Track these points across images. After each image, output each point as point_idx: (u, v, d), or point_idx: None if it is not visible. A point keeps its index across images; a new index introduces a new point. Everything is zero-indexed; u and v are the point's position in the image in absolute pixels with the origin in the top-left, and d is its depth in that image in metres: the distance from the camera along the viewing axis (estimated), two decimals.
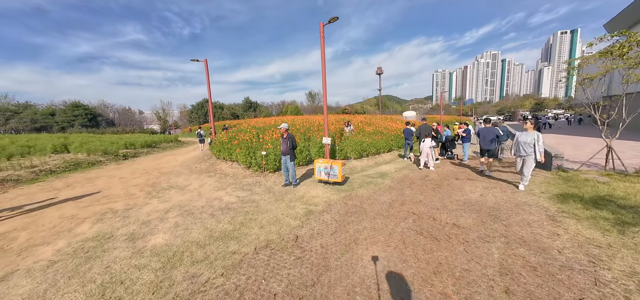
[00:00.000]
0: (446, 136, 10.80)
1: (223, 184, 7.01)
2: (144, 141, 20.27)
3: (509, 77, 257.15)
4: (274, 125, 12.10)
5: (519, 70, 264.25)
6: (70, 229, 4.19)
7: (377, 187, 6.10)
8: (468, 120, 49.76)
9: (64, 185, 7.83)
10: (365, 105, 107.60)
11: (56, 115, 58.52)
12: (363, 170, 8.83)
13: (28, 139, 19.24)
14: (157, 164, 11.44)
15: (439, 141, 10.24)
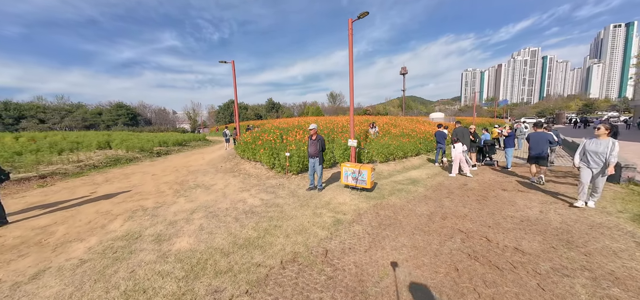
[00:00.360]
0: (485, 140, 9.76)
1: (247, 184, 6.92)
2: (175, 140, 21.46)
3: (551, 75, 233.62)
4: (297, 126, 11.94)
5: (562, 68, 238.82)
6: (103, 226, 4.28)
7: (410, 195, 5.54)
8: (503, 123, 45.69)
9: (103, 179, 8.33)
10: (388, 106, 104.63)
11: (103, 114, 64.86)
12: (391, 175, 8.25)
13: (77, 136, 21.37)
14: (186, 162, 11.87)
15: (476, 146, 9.27)
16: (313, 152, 5.92)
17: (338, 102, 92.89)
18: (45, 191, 6.96)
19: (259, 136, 10.55)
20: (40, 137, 20.51)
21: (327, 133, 11.08)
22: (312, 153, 5.93)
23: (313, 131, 5.92)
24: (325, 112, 71.36)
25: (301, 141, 9.39)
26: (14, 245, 3.58)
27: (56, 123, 57.73)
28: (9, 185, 7.76)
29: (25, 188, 7.56)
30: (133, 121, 66.63)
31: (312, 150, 5.92)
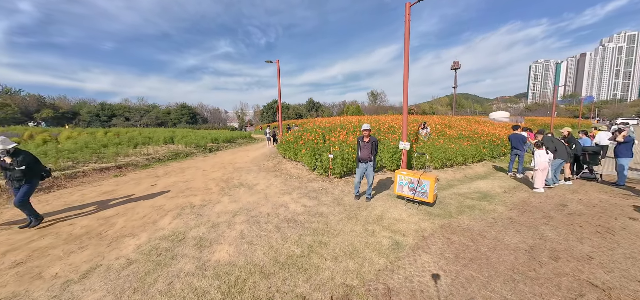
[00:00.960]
0: (585, 147, 7.52)
1: (288, 186, 6.60)
2: (225, 137, 23.17)
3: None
4: (340, 125, 11.32)
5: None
6: (154, 222, 4.37)
7: (487, 215, 4.36)
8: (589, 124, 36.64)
9: (163, 172, 9.11)
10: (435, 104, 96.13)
11: (170, 113, 75.20)
12: (451, 185, 6.96)
13: (150, 132, 24.85)
14: (233, 159, 12.40)
15: (572, 155, 7.16)
16: (366, 155, 5.19)
17: (379, 101, 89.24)
18: (117, 181, 7.84)
19: (301, 136, 10.27)
20: (123, 132, 24.55)
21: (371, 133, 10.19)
22: (365, 157, 5.21)
23: (366, 132, 5.19)
24: (365, 111, 69.24)
25: (344, 142, 8.73)
26: (79, 236, 3.83)
27: (137, 120, 69.27)
28: (93, 174, 9.10)
29: (104, 177, 8.72)
30: (193, 119, 75.68)
31: (365, 154, 5.19)
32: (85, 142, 14.59)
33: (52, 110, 60.56)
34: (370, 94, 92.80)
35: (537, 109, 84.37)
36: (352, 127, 10.72)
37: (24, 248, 3.44)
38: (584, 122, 32.65)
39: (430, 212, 4.50)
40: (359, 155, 5.27)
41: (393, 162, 8.11)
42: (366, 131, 5.21)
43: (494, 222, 4.04)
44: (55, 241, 3.65)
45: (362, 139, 5.28)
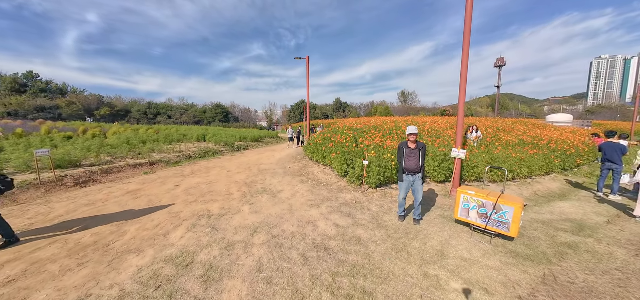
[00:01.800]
0: None
1: (316, 196, 5.74)
2: (252, 136, 23.36)
3: None
4: (373, 127, 10.16)
5: None
6: (166, 233, 3.83)
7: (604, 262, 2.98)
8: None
9: (189, 171, 8.93)
10: (474, 105, 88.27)
11: (206, 112, 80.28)
12: (525, 207, 5.44)
13: (186, 130, 26.16)
14: (258, 159, 12.00)
15: None
16: (413, 165, 4.12)
17: (410, 102, 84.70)
18: (144, 179, 7.77)
19: (330, 137, 9.38)
20: (163, 129, 26.27)
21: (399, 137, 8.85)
22: (412, 167, 4.13)
23: (413, 137, 4.11)
24: (394, 112, 66.07)
25: (380, 146, 7.60)
26: (85, 246, 3.42)
27: (177, 118, 75.26)
28: (126, 169, 9.31)
29: (136, 173, 8.82)
30: (225, 118, 79.83)
31: (412, 164, 4.12)
32: (126, 138, 15.54)
33: (108, 108, 68.51)
34: (400, 94, 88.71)
35: (600, 112, 72.08)
36: (387, 129, 9.52)
37: (25, 258, 3.09)
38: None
39: (512, 251, 3.25)
40: (403, 164, 4.20)
41: (440, 172, 6.78)
42: (413, 135, 4.11)
43: (625, 279, 2.67)
44: (60, 251, 3.27)
45: (407, 145, 4.20)
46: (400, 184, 4.30)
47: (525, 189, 7.01)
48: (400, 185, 4.28)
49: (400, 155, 4.27)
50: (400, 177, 4.26)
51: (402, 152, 4.23)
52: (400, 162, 4.27)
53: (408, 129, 4.16)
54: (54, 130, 19.08)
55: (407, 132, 4.15)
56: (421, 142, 4.29)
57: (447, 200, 5.67)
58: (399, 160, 4.29)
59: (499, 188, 6.86)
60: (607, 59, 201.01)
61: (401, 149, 4.26)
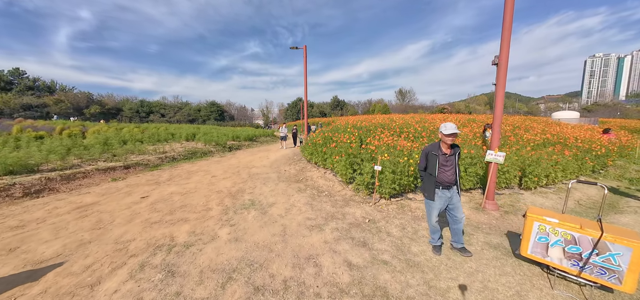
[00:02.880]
0: None
1: (318, 213, 4.52)
2: (246, 135, 22.01)
3: None
4: (381, 125, 8.96)
5: None
6: (95, 283, 2.59)
7: None
8: None
9: (167, 177, 7.63)
10: (471, 103, 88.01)
11: (201, 111, 78.39)
12: None
13: (175, 128, 24.66)
14: (250, 161, 10.73)
15: None
16: (450, 177, 2.99)
17: (407, 100, 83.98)
18: (108, 188, 6.46)
19: (331, 137, 8.15)
20: (151, 127, 24.74)
21: (413, 136, 7.66)
22: (449, 179, 3.00)
23: (451, 138, 2.93)
24: (392, 110, 65.14)
25: (391, 147, 6.38)
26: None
27: (171, 117, 73.33)
28: (94, 175, 7.95)
29: (102, 180, 7.49)
30: (221, 117, 78.09)
31: (449, 175, 2.99)
32: (106, 138, 14.11)
33: (98, 107, 66.25)
34: (398, 92, 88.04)
35: (597, 110, 72.08)
36: (396, 128, 8.34)
37: None
38: None
39: None
40: (436, 175, 3.02)
41: (467, 179, 5.61)
42: (451, 136, 2.92)
43: None
44: None
45: (440, 149, 3.03)
46: (430, 204, 3.10)
47: (562, 195, 5.89)
48: (431, 205, 3.09)
49: (430, 164, 3.08)
50: (431, 194, 3.06)
51: (433, 160, 3.04)
52: (428, 174, 3.08)
53: (445, 127, 2.95)
54: (28, 130, 17.52)
55: (445, 131, 2.94)
56: (456, 144, 3.11)
57: (483, 217, 4.50)
58: (426, 171, 3.10)
59: (535, 197, 5.73)
60: (601, 58, 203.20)
61: (430, 155, 3.06)
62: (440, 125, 3.11)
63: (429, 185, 3.07)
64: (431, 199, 3.07)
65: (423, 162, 3.16)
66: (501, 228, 4.11)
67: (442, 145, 3.03)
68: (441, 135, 2.99)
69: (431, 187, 3.05)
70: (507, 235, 3.78)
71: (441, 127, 2.99)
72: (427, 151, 3.11)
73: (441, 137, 3.01)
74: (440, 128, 3.00)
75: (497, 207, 4.91)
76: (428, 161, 3.10)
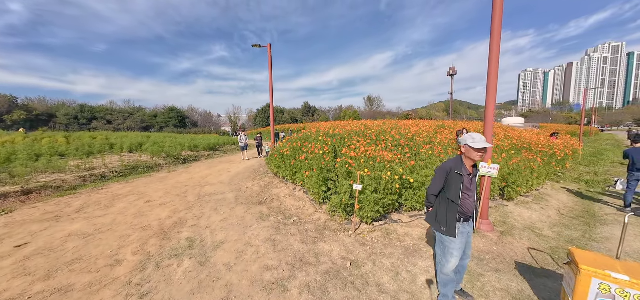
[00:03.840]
0: None
1: (281, 254, 3.33)
2: (207, 144, 19.60)
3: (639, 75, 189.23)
4: (356, 132, 8.09)
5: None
6: None
7: None
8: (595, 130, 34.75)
9: (78, 207, 5.64)
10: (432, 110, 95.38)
11: (157, 116, 70.71)
12: (592, 239, 3.84)
13: (116, 137, 20.95)
14: (205, 176, 9.00)
15: None
16: (471, 205, 2.23)
17: (375, 106, 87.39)
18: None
19: (301, 147, 7.02)
20: (85, 136, 20.64)
21: (392, 145, 6.98)
22: (470, 207, 2.24)
23: (480, 154, 2.05)
24: (362, 116, 66.88)
25: (369, 158, 5.46)
26: None
27: (120, 124, 64.59)
28: None
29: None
30: (181, 123, 71.39)
31: (470, 203, 2.22)
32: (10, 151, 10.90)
33: (24, 112, 55.29)
34: (366, 98, 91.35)
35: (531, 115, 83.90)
36: (373, 136, 7.55)
37: None
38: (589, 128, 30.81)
39: None
40: (459, 204, 2.14)
41: None
42: (481, 152, 2.05)
43: None
44: None
45: (462, 165, 2.17)
46: (449, 244, 2.19)
47: (544, 204, 5.62)
48: (451, 245, 2.18)
49: (451, 187, 2.17)
50: (451, 229, 2.15)
51: (457, 182, 2.15)
52: (448, 200, 2.17)
53: (473, 139, 2.09)
54: None
55: (474, 144, 2.07)
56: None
57: (480, 241, 3.79)
58: (449, 195, 2.16)
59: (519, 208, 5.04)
60: (531, 72, 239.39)
61: (453, 175, 2.16)
62: (463, 135, 2.21)
63: (450, 217, 2.15)
64: (452, 235, 2.15)
65: (439, 184, 2.23)
66: (505, 257, 3.40)
67: (465, 161, 2.17)
68: (466, 148, 2.12)
69: (452, 218, 2.14)
70: (520, 271, 3.05)
71: (466, 139, 2.11)
72: (448, 169, 2.18)
73: (465, 152, 2.14)
74: (464, 139, 2.12)
75: (491, 227, 4.27)
76: (449, 183, 2.18)
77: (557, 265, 3.24)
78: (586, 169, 10.29)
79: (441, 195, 2.23)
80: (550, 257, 3.46)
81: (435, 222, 2.25)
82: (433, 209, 2.31)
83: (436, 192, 2.26)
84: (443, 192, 2.22)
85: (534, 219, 4.84)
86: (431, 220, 2.29)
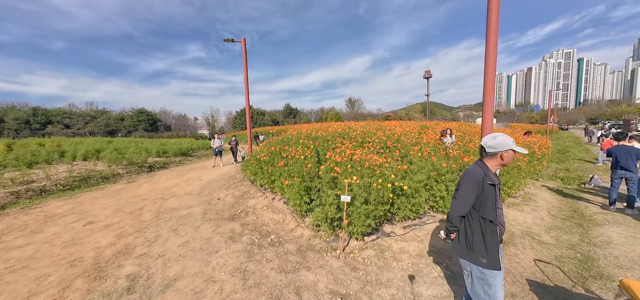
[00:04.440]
0: None
1: (255, 288, 2.61)
2: (178, 149, 17.95)
3: (588, 79, 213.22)
4: (340, 134, 7.52)
5: (601, 71, 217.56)
6: None
7: None
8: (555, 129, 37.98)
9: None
10: (410, 111, 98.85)
11: (125, 120, 65.27)
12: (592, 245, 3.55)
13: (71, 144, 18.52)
14: (172, 186, 7.90)
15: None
16: (503, 224, 1.79)
17: (356, 108, 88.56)
18: None
19: (280, 151, 6.29)
20: (32, 143, 17.96)
21: (380, 147, 6.52)
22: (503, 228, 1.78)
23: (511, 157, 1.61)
24: (344, 117, 67.33)
25: (357, 162, 4.90)
26: None
27: (80, 128, 58.55)
28: None
29: None
30: (153, 127, 66.55)
31: (502, 222, 1.79)
32: None
33: None
34: (348, 100, 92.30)
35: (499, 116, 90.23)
36: (358, 138, 7.02)
37: None
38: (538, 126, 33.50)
39: None
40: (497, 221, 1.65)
41: (449, 202, 4.51)
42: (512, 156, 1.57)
43: None
44: None
45: (495, 174, 1.69)
46: (492, 278, 1.66)
47: (534, 205, 5.45)
48: (495, 280, 1.66)
49: (487, 202, 1.64)
50: (495, 259, 1.64)
51: (491, 195, 1.64)
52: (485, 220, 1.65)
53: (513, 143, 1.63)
54: None
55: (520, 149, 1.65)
56: None
57: None
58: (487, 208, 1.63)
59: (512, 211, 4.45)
60: (497, 76, 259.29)
61: (486, 187, 1.64)
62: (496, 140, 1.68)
63: (491, 242, 1.62)
64: (497, 268, 1.63)
65: (471, 201, 1.66)
66: (515, 274, 2.98)
67: (492, 167, 1.70)
68: (508, 154, 1.64)
69: (494, 244, 1.62)
70: (537, 293, 2.62)
71: (506, 142, 1.63)
72: (480, 178, 1.64)
73: (506, 159, 1.65)
74: (503, 143, 1.64)
75: None
76: (483, 197, 1.63)
77: (572, 282, 2.87)
78: (558, 166, 10.67)
79: (470, 215, 1.68)
80: (560, 271, 3.10)
81: (469, 253, 1.68)
82: (458, 234, 1.75)
83: (466, 212, 1.70)
84: (474, 210, 1.67)
85: (529, 223, 4.56)
86: (462, 251, 1.72)
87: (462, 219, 1.72)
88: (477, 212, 1.64)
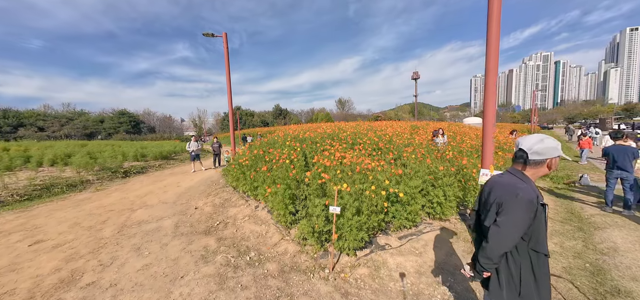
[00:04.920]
0: None
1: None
2: (158, 152, 16.89)
3: (565, 80, 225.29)
4: (330, 135, 7.06)
5: (576, 73, 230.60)
6: None
7: None
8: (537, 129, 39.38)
9: None
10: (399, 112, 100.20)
11: (104, 122, 62.09)
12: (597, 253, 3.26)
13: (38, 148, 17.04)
14: (145, 194, 7.17)
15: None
16: None
17: (347, 109, 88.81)
18: None
19: (263, 155, 5.76)
20: None
21: (372, 149, 6.13)
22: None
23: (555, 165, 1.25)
24: (334, 118, 67.24)
25: (347, 167, 4.46)
26: None
27: (56, 131, 55.07)
28: None
29: None
30: (135, 129, 63.68)
31: None
32: None
33: None
34: (338, 101, 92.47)
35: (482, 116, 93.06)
36: (348, 139, 6.60)
37: None
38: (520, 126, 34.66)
39: None
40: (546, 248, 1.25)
41: (448, 207, 4.15)
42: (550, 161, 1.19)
43: None
44: None
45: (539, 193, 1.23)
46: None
47: None
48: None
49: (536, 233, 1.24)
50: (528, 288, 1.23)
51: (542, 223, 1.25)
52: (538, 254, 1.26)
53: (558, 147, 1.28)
54: None
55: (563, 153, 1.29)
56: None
57: None
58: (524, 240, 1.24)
59: None
60: (481, 77, 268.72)
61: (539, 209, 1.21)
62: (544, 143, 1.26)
63: (543, 283, 1.26)
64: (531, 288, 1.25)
65: (523, 229, 1.22)
66: None
67: (534, 178, 1.31)
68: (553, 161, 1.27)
69: (546, 285, 1.27)
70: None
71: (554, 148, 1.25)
72: (534, 197, 1.21)
73: (551, 165, 1.28)
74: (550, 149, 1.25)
75: None
76: (537, 222, 1.22)
77: (587, 299, 2.55)
78: None
79: (516, 248, 1.24)
80: (573, 286, 2.78)
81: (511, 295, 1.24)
82: (495, 273, 1.30)
83: (515, 241, 1.25)
84: (521, 240, 1.24)
85: None
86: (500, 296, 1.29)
87: (511, 250, 1.29)
88: (526, 243, 1.22)
